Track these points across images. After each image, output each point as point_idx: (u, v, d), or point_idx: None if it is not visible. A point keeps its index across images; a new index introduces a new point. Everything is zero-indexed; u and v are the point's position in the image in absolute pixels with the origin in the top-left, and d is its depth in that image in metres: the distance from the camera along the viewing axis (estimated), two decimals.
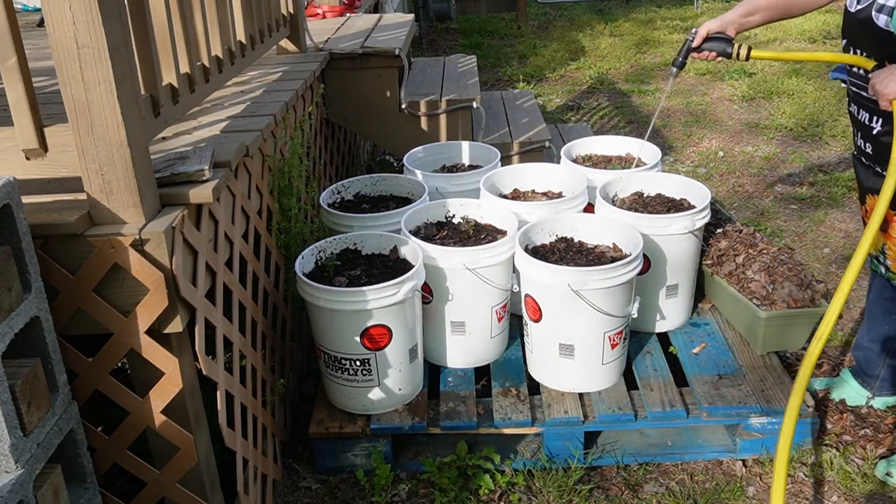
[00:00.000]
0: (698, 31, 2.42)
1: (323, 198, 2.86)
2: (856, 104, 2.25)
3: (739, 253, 2.83)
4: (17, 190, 1.43)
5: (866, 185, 2.34)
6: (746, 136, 5.30)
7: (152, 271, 1.63)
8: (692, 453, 2.51)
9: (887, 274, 2.35)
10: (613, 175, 2.97)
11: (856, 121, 2.28)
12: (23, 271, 1.46)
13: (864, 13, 2.07)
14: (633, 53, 7.64)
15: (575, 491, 2.36)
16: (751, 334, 2.69)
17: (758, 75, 6.51)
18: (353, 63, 3.62)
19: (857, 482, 2.37)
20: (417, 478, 2.46)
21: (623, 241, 2.57)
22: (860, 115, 2.23)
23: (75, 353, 1.69)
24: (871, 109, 2.18)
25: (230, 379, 2.03)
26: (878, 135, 2.17)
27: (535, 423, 2.42)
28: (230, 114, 2.51)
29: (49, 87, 2.68)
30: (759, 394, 2.48)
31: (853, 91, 2.25)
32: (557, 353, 2.46)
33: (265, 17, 3.02)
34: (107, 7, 1.51)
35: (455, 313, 2.57)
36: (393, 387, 2.43)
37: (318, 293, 2.28)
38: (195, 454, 1.82)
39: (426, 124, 3.69)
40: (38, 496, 1.41)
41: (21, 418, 1.38)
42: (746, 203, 4.31)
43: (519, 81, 6.88)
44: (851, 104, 2.29)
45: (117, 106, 1.56)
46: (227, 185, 2.03)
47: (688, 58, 2.47)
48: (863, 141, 2.27)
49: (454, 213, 2.82)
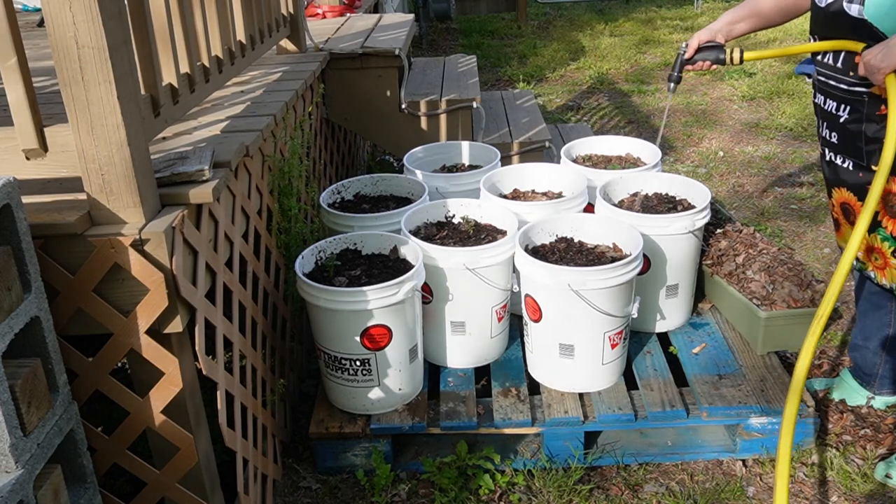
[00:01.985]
0: (689, 43, 2.48)
1: (323, 198, 2.86)
2: (822, 94, 2.29)
3: (739, 253, 2.83)
4: (17, 190, 1.43)
5: (832, 180, 2.37)
6: (746, 136, 5.30)
7: (152, 271, 1.63)
8: (692, 453, 2.51)
9: (859, 265, 2.36)
10: (613, 175, 2.97)
11: (822, 111, 2.31)
12: (23, 271, 1.46)
13: (834, 6, 2.11)
14: (633, 53, 7.64)
15: (575, 491, 2.36)
16: (751, 334, 2.69)
17: (758, 75, 6.52)
18: (353, 63, 3.62)
19: (857, 482, 2.37)
20: (417, 478, 2.46)
21: (623, 241, 2.57)
22: (827, 104, 2.27)
23: (75, 353, 1.69)
24: (837, 98, 2.22)
25: (230, 379, 2.03)
26: (845, 123, 2.21)
27: (535, 423, 2.42)
28: (230, 114, 2.51)
29: (49, 87, 2.68)
30: (759, 394, 2.48)
31: (820, 80, 2.29)
32: (557, 353, 2.46)
33: (265, 17, 3.02)
34: (107, 7, 1.51)
35: (455, 313, 2.57)
36: (393, 387, 2.43)
37: (318, 293, 2.28)
38: (195, 454, 1.82)
39: (426, 124, 3.69)
40: (38, 496, 1.41)
41: (21, 418, 1.38)
42: (746, 203, 4.31)
43: (519, 81, 6.88)
44: (817, 95, 2.32)
45: (117, 106, 1.56)
46: (227, 185, 2.03)
47: (683, 70, 2.52)
48: (828, 131, 2.30)
49: (454, 213, 2.82)
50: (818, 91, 2.32)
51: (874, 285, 2.39)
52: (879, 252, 2.25)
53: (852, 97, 2.18)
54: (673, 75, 2.55)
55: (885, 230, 2.20)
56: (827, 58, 2.22)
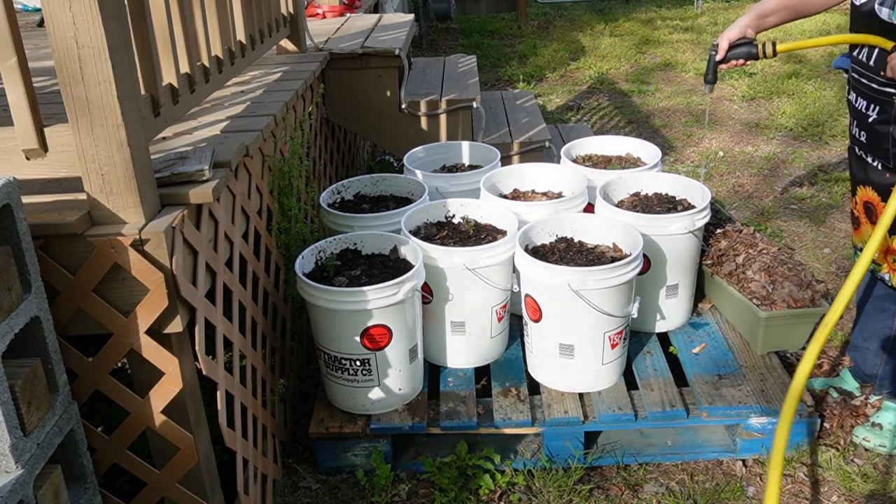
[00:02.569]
0: (719, 44, 2.39)
1: (323, 198, 2.86)
2: (855, 92, 2.27)
3: (739, 253, 2.83)
4: (17, 190, 1.43)
5: (858, 177, 2.36)
6: (746, 136, 5.30)
7: (152, 271, 1.63)
8: (692, 453, 2.51)
9: (874, 266, 2.36)
10: (613, 175, 2.97)
11: (853, 109, 2.29)
12: (23, 271, 1.46)
13: (867, 6, 2.11)
14: (633, 53, 7.63)
15: (575, 491, 2.36)
16: (751, 334, 2.69)
17: (758, 75, 6.51)
18: (353, 63, 3.61)
19: (857, 482, 2.37)
20: (417, 478, 2.46)
21: (623, 241, 2.57)
22: (858, 102, 2.25)
23: (75, 353, 1.69)
24: (868, 97, 2.20)
25: (230, 379, 2.03)
26: (874, 123, 2.20)
27: (535, 423, 2.42)
28: (230, 114, 2.51)
29: (49, 87, 2.68)
30: (759, 394, 2.48)
31: (854, 78, 2.27)
32: (557, 353, 2.46)
33: (265, 17, 3.02)
34: (107, 7, 1.51)
35: (455, 313, 2.57)
36: (393, 387, 2.43)
37: (318, 293, 2.28)
38: (195, 454, 1.82)
39: (426, 124, 3.69)
40: (38, 496, 1.41)
41: (21, 418, 1.38)
42: (746, 203, 4.31)
43: (519, 81, 6.88)
44: (850, 92, 2.30)
45: (117, 106, 1.56)
46: (227, 185, 2.03)
47: (717, 72, 2.44)
48: (858, 129, 2.29)
49: (454, 213, 2.82)
50: (851, 87, 2.29)
51: (883, 287, 2.39)
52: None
53: (882, 97, 2.15)
54: (708, 77, 2.47)
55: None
56: (861, 54, 2.19)
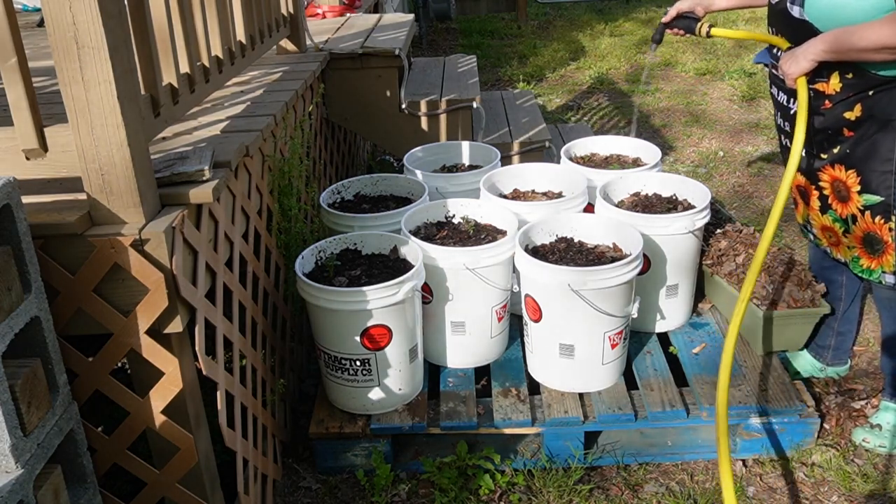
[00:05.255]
0: (670, 9, 2.64)
1: (323, 198, 2.86)
2: (775, 85, 2.41)
3: (739, 253, 2.83)
4: (17, 190, 1.43)
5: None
6: (746, 136, 5.30)
7: (152, 271, 1.63)
8: (692, 453, 2.51)
9: (815, 240, 2.52)
10: (613, 175, 2.97)
11: (776, 102, 2.44)
12: (23, 271, 1.46)
13: (780, 5, 2.23)
14: (633, 53, 7.63)
15: (575, 491, 2.36)
16: (751, 334, 2.69)
17: (758, 75, 6.51)
18: (353, 63, 3.61)
19: (856, 482, 2.37)
20: (417, 478, 2.46)
21: (623, 241, 2.57)
22: (779, 95, 2.40)
23: (75, 353, 1.69)
24: (787, 90, 2.34)
25: (230, 379, 2.03)
26: (794, 114, 2.30)
27: (535, 423, 2.42)
28: (230, 114, 2.51)
29: (49, 87, 2.68)
30: (759, 394, 2.48)
31: (773, 73, 2.39)
32: (557, 353, 2.45)
33: (265, 17, 3.02)
34: (107, 7, 1.51)
35: (455, 313, 2.57)
36: (393, 387, 2.43)
37: (318, 293, 2.28)
38: (195, 454, 1.83)
39: (426, 124, 3.69)
40: (38, 496, 1.41)
41: (21, 418, 1.38)
42: (746, 203, 4.31)
43: (519, 81, 6.88)
44: (772, 86, 2.44)
45: (117, 106, 1.56)
46: (227, 185, 2.03)
47: (663, 33, 2.68)
48: (782, 120, 2.44)
49: (454, 213, 2.82)
50: (772, 82, 2.43)
51: (826, 258, 2.55)
52: (832, 231, 2.41)
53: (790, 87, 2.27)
54: (655, 36, 2.72)
55: (834, 212, 2.35)
56: (777, 50, 2.32)
